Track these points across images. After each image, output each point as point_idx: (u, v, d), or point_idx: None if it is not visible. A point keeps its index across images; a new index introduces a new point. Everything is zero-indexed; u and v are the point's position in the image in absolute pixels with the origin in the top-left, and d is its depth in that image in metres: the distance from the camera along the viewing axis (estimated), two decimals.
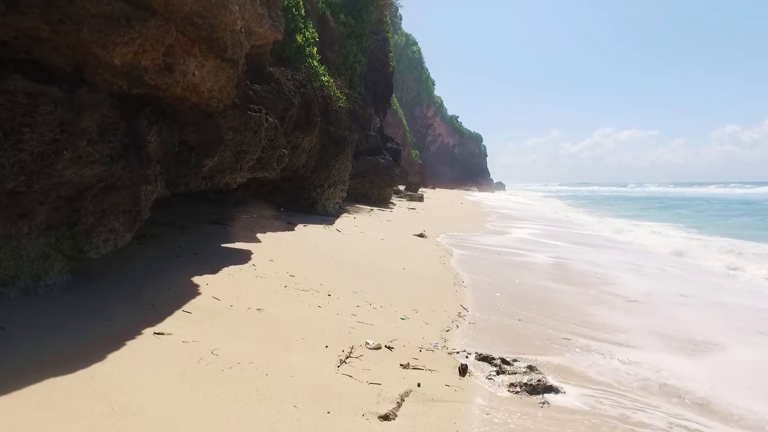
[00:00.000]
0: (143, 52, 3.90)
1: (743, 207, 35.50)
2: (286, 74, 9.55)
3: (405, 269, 6.56)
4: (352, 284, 5.39)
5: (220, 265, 5.31)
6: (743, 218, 24.77)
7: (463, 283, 6.27)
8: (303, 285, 5.06)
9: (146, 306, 3.78)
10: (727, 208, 33.82)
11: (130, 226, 4.27)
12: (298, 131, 9.31)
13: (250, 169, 6.46)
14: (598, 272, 8.03)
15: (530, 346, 4.14)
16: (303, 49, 10.84)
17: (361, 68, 19.42)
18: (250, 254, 6.09)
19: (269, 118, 6.56)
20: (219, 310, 3.95)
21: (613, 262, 9.35)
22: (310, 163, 10.66)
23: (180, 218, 7.77)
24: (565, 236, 13.67)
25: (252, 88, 7.35)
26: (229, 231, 7.39)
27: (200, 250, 5.86)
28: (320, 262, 6.27)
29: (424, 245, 9.03)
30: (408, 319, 4.46)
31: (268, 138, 6.61)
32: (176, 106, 4.83)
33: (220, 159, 5.72)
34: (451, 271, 6.92)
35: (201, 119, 5.18)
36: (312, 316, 4.16)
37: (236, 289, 4.55)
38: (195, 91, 4.73)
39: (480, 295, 5.77)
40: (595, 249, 11.32)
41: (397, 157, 22.35)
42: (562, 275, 7.59)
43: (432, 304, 5.07)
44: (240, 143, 5.92)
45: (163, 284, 4.34)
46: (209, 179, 5.93)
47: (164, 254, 5.44)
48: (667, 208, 33.86)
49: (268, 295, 4.56)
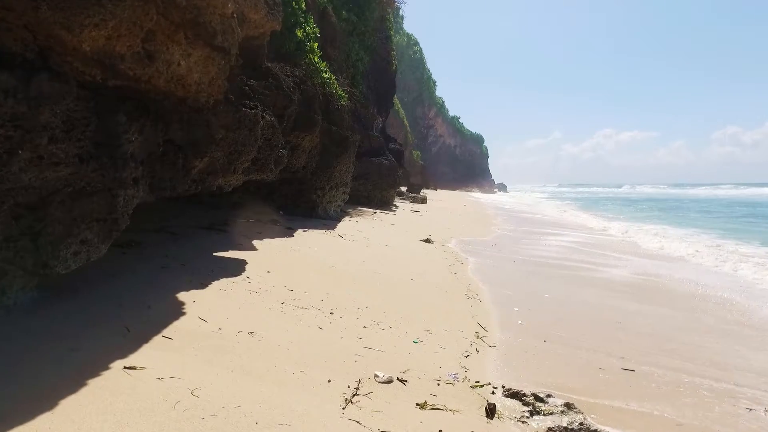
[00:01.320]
0: (118, 37, 3.37)
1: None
2: (286, 70, 9.05)
3: (413, 280, 6.04)
4: (357, 299, 4.87)
5: (210, 278, 4.78)
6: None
7: (477, 296, 5.74)
8: (302, 301, 4.53)
9: (120, 330, 3.25)
10: (755, 213, 28.83)
11: (105, 236, 3.75)
12: (298, 130, 8.79)
13: (245, 171, 5.93)
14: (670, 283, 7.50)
15: (570, 377, 3.61)
16: (303, 44, 10.32)
17: (363, 66, 18.92)
18: (245, 264, 5.57)
19: (266, 115, 6.05)
20: (205, 334, 3.42)
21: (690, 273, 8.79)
22: (310, 165, 10.14)
23: (171, 223, 7.26)
24: (605, 245, 13.11)
25: (248, 83, 6.83)
26: (223, 237, 6.87)
27: (190, 260, 5.34)
28: (321, 272, 5.74)
29: (432, 252, 8.50)
30: (421, 342, 3.94)
31: (265, 137, 6.09)
32: (160, 101, 4.31)
33: (211, 160, 5.20)
34: (463, 281, 6.39)
35: (189, 116, 4.66)
36: (312, 340, 3.63)
37: (227, 308, 4.03)
38: (181, 84, 4.21)
39: (500, 311, 5.25)
40: (666, 262, 10.68)
41: (399, 158, 21.84)
42: (619, 289, 7.06)
43: (446, 322, 4.55)
44: (233, 143, 5.40)
45: (143, 302, 3.82)
46: (200, 182, 5.41)
47: (149, 265, 4.91)
48: (701, 213, 29.62)
49: (263, 314, 4.04)
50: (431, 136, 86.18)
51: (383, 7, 20.52)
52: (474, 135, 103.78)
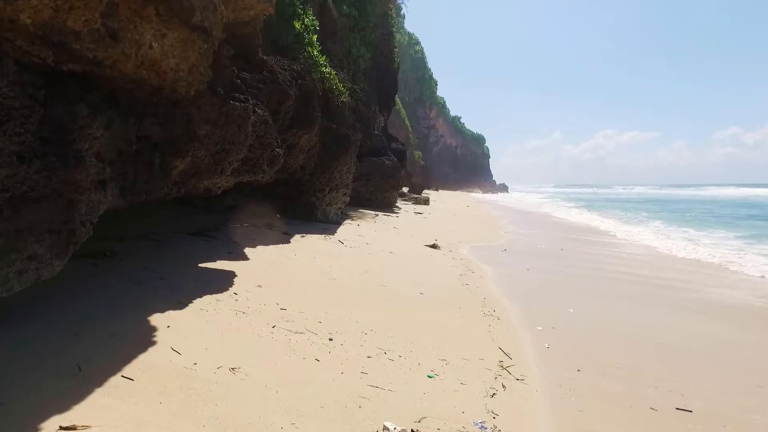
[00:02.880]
0: (69, 9, 2.75)
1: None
2: (283, 64, 8.43)
3: (422, 294, 5.41)
4: (360, 319, 4.25)
5: (191, 295, 4.17)
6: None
7: (493, 312, 5.12)
8: (297, 323, 3.91)
9: (69, 370, 2.63)
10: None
11: (60, 250, 3.13)
12: (295, 128, 8.17)
13: (235, 172, 5.31)
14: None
15: (618, 422, 2.98)
16: (302, 36, 9.70)
17: (364, 64, 18.27)
18: (233, 277, 4.95)
19: (257, 110, 5.43)
20: (176, 372, 2.80)
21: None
22: (309, 165, 9.52)
23: (156, 229, 6.64)
24: (620, 247, 12.49)
25: (240, 76, 6.20)
26: (212, 245, 6.25)
27: (171, 272, 4.72)
28: (320, 286, 5.12)
29: (440, 259, 7.88)
30: (437, 376, 3.31)
31: (257, 134, 5.47)
32: (131, 91, 3.69)
33: (195, 160, 4.57)
34: (477, 295, 5.77)
35: (166, 109, 4.04)
36: (307, 377, 3.01)
37: (207, 334, 3.41)
38: (154, 71, 3.59)
39: (522, 332, 4.62)
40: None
41: (402, 158, 21.20)
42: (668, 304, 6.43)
43: (463, 347, 3.93)
44: (220, 140, 4.78)
45: (105, 329, 3.20)
46: (182, 185, 4.79)
47: (121, 280, 4.30)
48: (725, 216, 25.87)
49: (250, 342, 3.41)
50: (432, 137, 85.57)
51: (385, 2, 19.89)
52: (475, 135, 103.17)
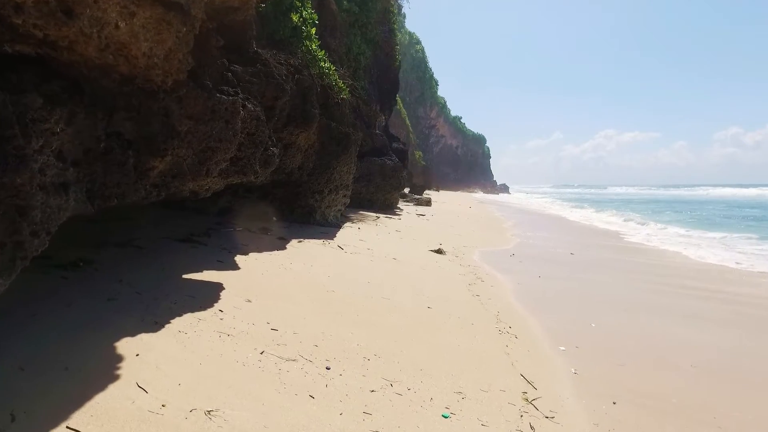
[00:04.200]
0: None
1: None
2: (279, 58, 7.93)
3: (430, 308, 4.90)
4: (362, 340, 3.74)
5: (170, 314, 3.66)
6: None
7: (510, 329, 4.61)
8: (289, 348, 3.40)
9: (0, 422, 2.13)
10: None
11: (5, 266, 2.63)
12: (292, 126, 7.67)
13: (223, 173, 4.81)
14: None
15: None
16: (299, 30, 9.20)
17: (365, 61, 17.78)
18: (220, 290, 4.44)
19: (248, 104, 4.92)
20: (139, 418, 2.29)
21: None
22: (306, 165, 9.01)
23: (140, 235, 6.14)
24: (638, 252, 11.97)
25: (231, 69, 5.70)
26: (199, 252, 5.74)
27: (150, 285, 4.22)
28: (317, 301, 4.61)
29: (446, 266, 7.37)
30: (453, 415, 2.80)
31: (247, 131, 4.96)
32: (98, 80, 3.19)
33: (176, 159, 4.07)
34: (490, 307, 5.26)
35: (141, 101, 3.53)
36: (300, 422, 2.50)
37: (182, 365, 2.90)
38: (123, 56, 3.09)
39: (544, 352, 4.11)
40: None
41: (403, 158, 20.69)
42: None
43: (480, 375, 3.42)
44: (205, 137, 4.27)
45: (59, 361, 2.70)
46: (163, 187, 4.28)
47: (92, 296, 3.79)
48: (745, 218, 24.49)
49: (233, 374, 2.91)
50: (433, 137, 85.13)
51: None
52: (476, 135, 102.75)
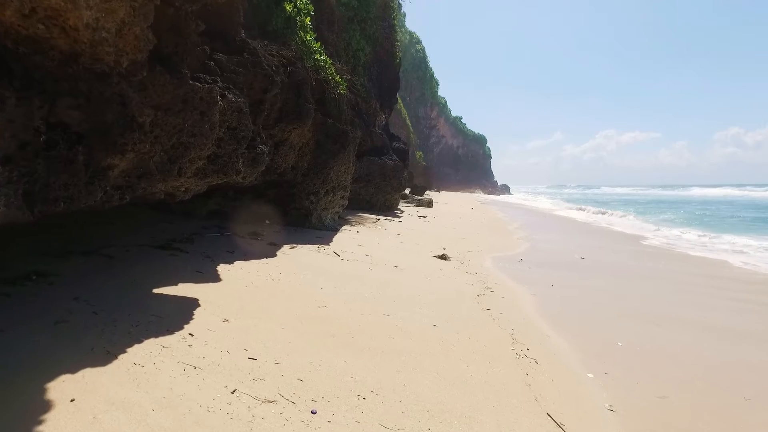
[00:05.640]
0: None
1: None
2: (270, 49, 7.34)
3: (436, 326, 4.30)
4: (357, 371, 3.14)
5: (128, 339, 3.06)
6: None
7: (528, 351, 4.00)
8: (268, 383, 2.80)
9: None
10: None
11: None
12: (284, 122, 7.07)
13: (199, 172, 4.21)
14: None
15: None
16: (293, 21, 8.60)
17: (365, 57, 17.17)
18: (195, 308, 3.85)
19: (229, 94, 4.33)
20: None
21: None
22: (301, 165, 8.41)
23: (116, 240, 5.55)
24: (655, 254, 11.35)
25: (214, 57, 5.12)
26: (178, 261, 5.14)
27: (111, 303, 3.62)
28: (306, 319, 4.01)
29: (452, 275, 6.76)
30: None
31: (228, 125, 4.36)
32: (29, 57, 2.59)
33: (139, 156, 3.47)
34: (503, 324, 4.66)
35: (89, 85, 2.93)
36: None
37: (128, 413, 2.30)
38: (58, 26, 2.49)
39: (570, 381, 3.50)
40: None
41: (404, 158, 20.07)
42: None
43: (500, 419, 2.82)
44: (176, 130, 3.67)
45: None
46: (127, 189, 3.68)
47: (38, 317, 3.20)
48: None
49: (192, 424, 2.31)
50: (433, 137, 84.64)
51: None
52: (477, 135, 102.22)
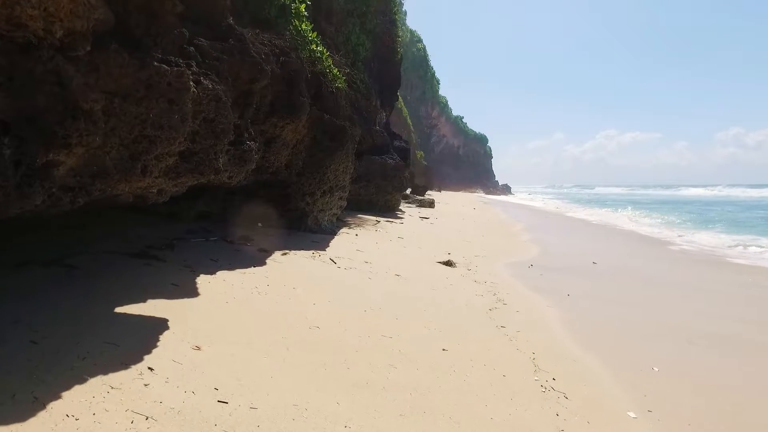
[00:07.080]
0: None
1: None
2: (262, 38, 6.76)
3: (446, 351, 3.70)
4: (351, 417, 2.54)
5: (65, 381, 2.45)
6: None
7: (553, 381, 3.41)
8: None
9: None
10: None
11: None
12: (276, 117, 6.48)
13: (170, 171, 3.61)
14: None
15: None
16: (288, 9, 8.01)
17: (365, 53, 16.57)
18: (162, 331, 3.25)
19: (204, 80, 3.73)
20: None
21: None
22: (296, 163, 7.82)
23: (86, 247, 4.96)
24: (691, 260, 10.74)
25: (194, 42, 4.53)
26: (153, 272, 4.55)
27: (58, 329, 3.02)
28: (293, 345, 3.41)
29: (459, 284, 6.16)
30: None
31: (204, 117, 3.77)
32: None
33: (90, 152, 2.87)
34: (522, 346, 4.05)
35: (10, 60, 2.34)
36: None
37: None
38: None
39: (608, 421, 2.91)
40: None
41: (405, 157, 19.47)
42: None
43: None
44: (138, 121, 3.08)
45: None
46: (80, 191, 3.08)
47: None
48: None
49: None
50: (434, 136, 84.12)
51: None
52: (478, 135, 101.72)
